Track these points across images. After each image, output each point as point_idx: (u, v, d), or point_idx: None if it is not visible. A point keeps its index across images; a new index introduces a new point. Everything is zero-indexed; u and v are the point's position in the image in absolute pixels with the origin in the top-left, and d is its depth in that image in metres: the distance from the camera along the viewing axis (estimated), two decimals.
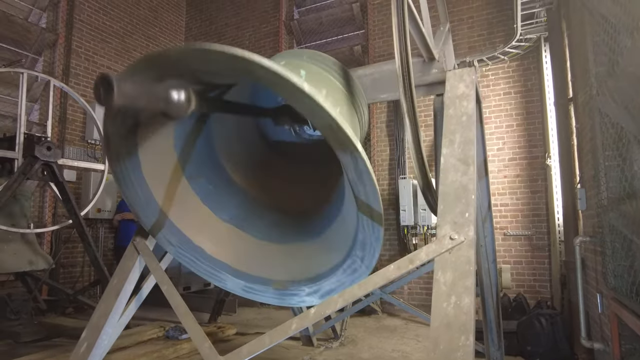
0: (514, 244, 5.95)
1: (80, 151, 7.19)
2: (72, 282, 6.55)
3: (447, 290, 1.56)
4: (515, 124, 6.16)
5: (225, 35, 9.15)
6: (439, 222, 1.74)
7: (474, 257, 1.62)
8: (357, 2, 7.55)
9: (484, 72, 6.39)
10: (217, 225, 2.40)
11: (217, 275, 2.37)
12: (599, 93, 2.96)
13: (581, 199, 4.04)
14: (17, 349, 4.09)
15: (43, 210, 6.60)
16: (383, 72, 2.61)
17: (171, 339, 4.23)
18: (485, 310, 3.04)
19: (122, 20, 8.21)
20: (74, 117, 7.18)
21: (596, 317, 3.73)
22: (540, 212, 5.85)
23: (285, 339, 1.94)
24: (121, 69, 8.10)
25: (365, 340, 4.82)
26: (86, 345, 2.18)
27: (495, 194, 6.02)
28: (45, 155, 4.47)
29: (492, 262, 3.06)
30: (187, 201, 2.34)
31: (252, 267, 2.34)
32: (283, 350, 4.36)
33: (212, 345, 1.89)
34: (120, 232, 7.12)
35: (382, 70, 2.63)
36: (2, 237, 4.45)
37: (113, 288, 2.34)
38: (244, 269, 2.34)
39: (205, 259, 2.34)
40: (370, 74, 2.65)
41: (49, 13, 7.11)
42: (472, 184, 1.80)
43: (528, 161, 6.01)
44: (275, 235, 2.44)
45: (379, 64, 2.69)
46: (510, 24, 6.00)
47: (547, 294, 5.66)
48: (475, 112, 2.08)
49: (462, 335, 1.44)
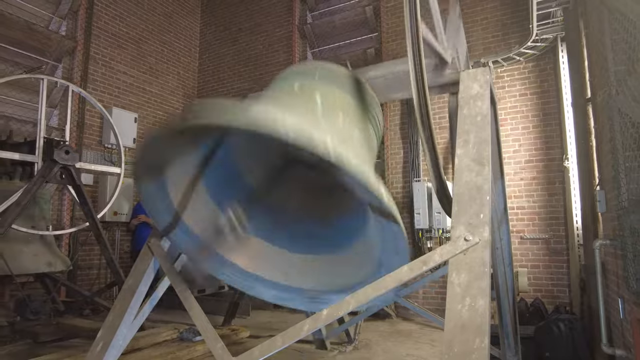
0: (531, 248, 5.84)
1: (98, 155, 7.33)
2: (90, 284, 6.65)
3: (461, 292, 1.53)
4: (531, 125, 6.06)
5: (239, 40, 9.25)
6: (453, 223, 1.72)
7: (489, 259, 1.59)
8: (370, 5, 7.55)
9: (499, 74, 6.31)
10: (247, 240, 2.43)
11: (252, 286, 2.41)
12: (619, 92, 2.89)
13: (600, 201, 3.94)
14: (35, 348, 4.17)
15: (62, 213, 6.74)
16: (396, 73, 2.59)
17: (185, 340, 4.26)
18: (502, 314, 2.98)
19: (138, 26, 8.36)
20: (92, 121, 7.33)
21: (617, 323, 3.62)
22: (557, 215, 5.73)
23: (298, 343, 1.94)
24: (137, 74, 8.25)
25: (379, 344, 4.78)
26: (102, 345, 2.21)
27: (511, 197, 5.92)
28: (64, 159, 4.57)
29: (508, 265, 3.01)
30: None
31: (285, 277, 2.37)
32: (296, 354, 4.35)
33: (224, 346, 1.90)
34: (137, 236, 7.15)
35: (395, 72, 2.61)
36: (22, 238, 4.55)
37: (128, 289, 2.37)
38: (277, 279, 2.37)
39: (239, 273, 2.37)
40: (382, 75, 2.63)
41: (69, 21, 7.29)
42: (487, 184, 1.77)
43: (545, 163, 5.90)
44: (304, 247, 2.45)
45: (390, 63, 2.66)
46: (526, 25, 5.91)
47: (566, 299, 5.53)
48: (489, 112, 2.05)
49: (477, 338, 1.42)
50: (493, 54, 6.30)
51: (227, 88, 9.21)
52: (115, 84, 7.84)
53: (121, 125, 7.15)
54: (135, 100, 8.19)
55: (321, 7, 8.48)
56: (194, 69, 9.70)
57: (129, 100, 8.05)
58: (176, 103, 9.13)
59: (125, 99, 7.98)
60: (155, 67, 8.68)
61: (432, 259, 1.67)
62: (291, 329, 1.77)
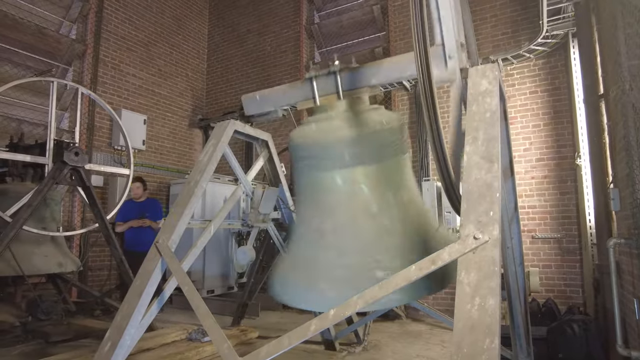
0: (542, 247, 5.74)
1: (107, 157, 7.41)
2: (100, 284, 6.71)
3: (470, 292, 1.50)
4: (542, 123, 5.97)
5: (246, 42, 9.27)
6: (463, 221, 1.68)
7: (499, 258, 1.55)
8: (377, 4, 7.52)
9: (508, 71, 6.23)
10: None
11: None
12: (632, 87, 2.82)
13: (614, 199, 3.86)
14: (47, 348, 4.21)
15: (72, 215, 6.81)
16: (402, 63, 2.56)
17: (194, 341, 4.26)
18: (513, 315, 2.92)
19: (147, 29, 8.43)
20: (102, 124, 7.41)
21: (633, 324, 3.54)
22: (570, 214, 5.64)
23: (307, 343, 1.92)
24: (146, 77, 8.32)
25: (388, 345, 4.73)
26: (110, 345, 2.22)
27: (522, 196, 5.84)
28: (73, 161, 4.61)
29: (519, 264, 2.95)
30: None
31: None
32: (305, 355, 4.32)
33: (231, 346, 1.88)
34: (125, 235, 6.27)
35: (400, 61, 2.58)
36: (34, 240, 4.60)
37: (135, 289, 2.37)
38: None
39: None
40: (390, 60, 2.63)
41: (79, 25, 7.38)
42: (496, 181, 1.73)
43: (556, 161, 5.81)
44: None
45: (397, 58, 2.64)
46: (536, 21, 5.83)
47: (579, 299, 5.43)
48: (499, 108, 2.01)
49: (487, 338, 1.38)
50: (503, 52, 6.22)
51: (235, 89, 9.24)
52: (125, 87, 7.91)
53: (130, 127, 7.21)
54: (144, 103, 8.26)
55: (328, 7, 8.47)
56: (203, 70, 9.75)
57: (138, 103, 8.11)
58: (185, 104, 9.19)
59: (134, 101, 8.05)
60: (164, 69, 8.74)
61: (440, 257, 1.64)
62: (298, 329, 1.75)
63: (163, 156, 8.55)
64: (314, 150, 2.48)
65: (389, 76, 2.56)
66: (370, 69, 2.55)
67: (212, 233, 2.93)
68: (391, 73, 2.54)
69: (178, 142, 8.93)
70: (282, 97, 2.93)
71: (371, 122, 2.44)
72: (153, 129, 8.31)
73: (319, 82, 2.64)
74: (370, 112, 2.52)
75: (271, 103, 2.99)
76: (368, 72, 2.54)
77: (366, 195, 2.40)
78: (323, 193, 2.49)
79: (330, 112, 2.58)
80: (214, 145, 2.87)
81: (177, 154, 8.88)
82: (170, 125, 8.80)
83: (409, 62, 2.34)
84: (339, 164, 2.41)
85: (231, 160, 3.25)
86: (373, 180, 2.40)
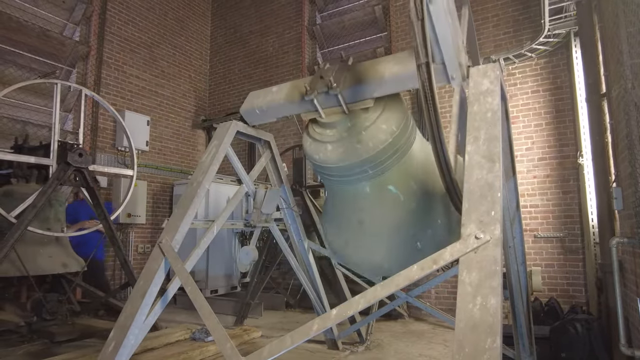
0: (545, 247, 5.74)
1: (111, 158, 7.44)
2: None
3: (472, 291, 1.51)
4: (544, 122, 5.96)
5: (249, 43, 9.30)
6: (464, 220, 1.69)
7: (501, 257, 1.56)
8: (379, 4, 7.52)
9: (510, 71, 6.22)
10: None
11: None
12: (635, 86, 2.82)
13: (617, 198, 3.85)
14: (51, 348, 4.24)
15: None
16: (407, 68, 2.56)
17: (197, 341, 4.28)
18: (515, 314, 2.93)
19: (150, 31, 8.47)
20: (105, 125, 7.44)
21: (637, 323, 3.53)
22: (572, 213, 5.63)
23: (310, 342, 1.94)
24: (149, 78, 8.35)
25: (391, 344, 4.74)
26: (114, 345, 2.24)
27: (524, 195, 5.83)
28: (77, 162, 4.64)
29: (521, 264, 2.95)
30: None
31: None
32: (308, 354, 4.34)
33: (233, 345, 1.90)
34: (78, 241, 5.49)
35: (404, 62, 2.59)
36: (38, 240, 4.63)
37: (139, 289, 2.40)
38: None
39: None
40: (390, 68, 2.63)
41: (82, 27, 7.41)
42: (498, 181, 1.74)
43: (559, 161, 5.80)
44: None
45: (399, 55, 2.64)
46: (538, 20, 5.83)
47: (582, 299, 5.42)
48: (500, 108, 2.01)
49: (489, 338, 1.39)
50: (504, 51, 6.21)
51: (238, 90, 9.26)
52: (128, 88, 7.94)
53: (134, 128, 7.24)
54: (148, 104, 8.29)
55: (330, 7, 8.48)
56: (205, 71, 9.78)
57: (141, 104, 8.15)
58: (188, 105, 9.22)
59: (137, 103, 8.08)
60: (167, 70, 8.77)
61: (442, 257, 1.65)
62: (300, 329, 1.77)
63: (166, 157, 8.58)
64: (336, 171, 2.72)
65: (392, 89, 2.56)
66: (373, 82, 2.55)
67: (215, 233, 2.94)
68: (394, 86, 2.53)
69: (181, 142, 8.96)
70: (281, 110, 2.95)
71: (382, 134, 2.57)
72: (156, 129, 8.35)
73: (319, 98, 2.64)
74: (378, 123, 2.58)
75: (271, 115, 3.05)
76: (370, 87, 2.55)
77: (395, 195, 2.71)
78: (355, 201, 2.87)
79: (339, 130, 2.70)
80: (216, 146, 2.89)
81: (180, 155, 8.92)
82: (174, 126, 8.83)
83: (411, 74, 2.40)
84: (364, 177, 2.68)
85: (234, 160, 3.27)
86: (397, 180, 2.71)
